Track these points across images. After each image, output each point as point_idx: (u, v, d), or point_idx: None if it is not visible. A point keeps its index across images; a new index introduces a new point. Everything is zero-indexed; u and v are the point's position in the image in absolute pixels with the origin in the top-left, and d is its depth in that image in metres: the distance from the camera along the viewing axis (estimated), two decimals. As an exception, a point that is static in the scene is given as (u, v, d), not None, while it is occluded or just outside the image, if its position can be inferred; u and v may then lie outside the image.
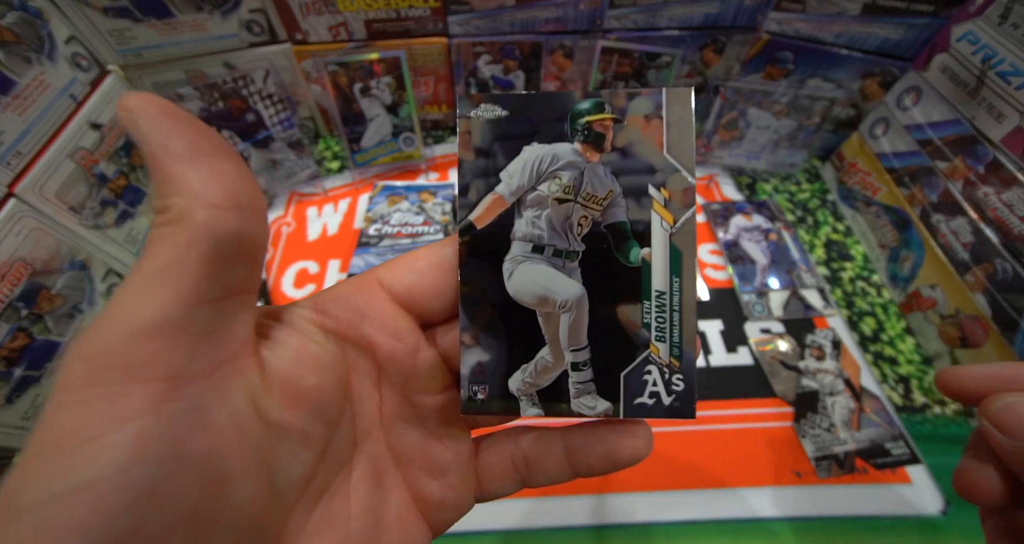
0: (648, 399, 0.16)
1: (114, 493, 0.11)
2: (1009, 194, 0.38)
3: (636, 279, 0.16)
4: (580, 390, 0.17)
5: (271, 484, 0.14)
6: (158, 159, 0.13)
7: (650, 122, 0.16)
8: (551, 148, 0.17)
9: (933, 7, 0.46)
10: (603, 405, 0.16)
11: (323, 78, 0.51)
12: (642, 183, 0.16)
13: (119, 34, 0.48)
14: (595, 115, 0.16)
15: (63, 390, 0.11)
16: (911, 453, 0.39)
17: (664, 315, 0.16)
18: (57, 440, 0.11)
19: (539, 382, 0.17)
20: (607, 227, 0.16)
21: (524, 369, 0.17)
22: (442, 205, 0.53)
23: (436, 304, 0.17)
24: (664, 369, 0.16)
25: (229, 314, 0.13)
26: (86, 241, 0.45)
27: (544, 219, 0.17)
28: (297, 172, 0.56)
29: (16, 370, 0.38)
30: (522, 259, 0.17)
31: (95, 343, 0.12)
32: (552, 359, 0.17)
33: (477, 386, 0.17)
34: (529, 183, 0.17)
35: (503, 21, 0.54)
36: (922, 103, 0.47)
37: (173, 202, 0.12)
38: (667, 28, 0.56)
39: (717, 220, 0.55)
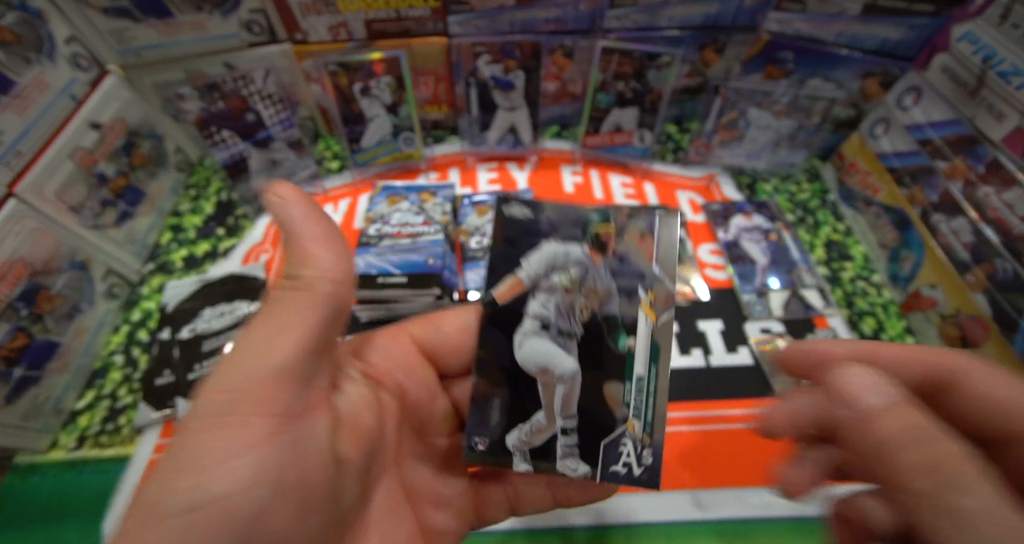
0: (621, 468, 0.19)
1: (240, 509, 0.13)
2: (1009, 194, 0.38)
3: (621, 363, 0.19)
4: (566, 453, 0.19)
5: (334, 514, 0.16)
6: (299, 238, 0.16)
7: (644, 238, 0.20)
8: (565, 247, 0.20)
9: (933, 7, 0.46)
10: (583, 469, 0.19)
11: (323, 78, 0.51)
12: (633, 285, 0.20)
13: (119, 34, 0.48)
14: (601, 226, 0.20)
15: (202, 416, 0.14)
16: (911, 453, 0.38)
17: (641, 396, 0.19)
18: (195, 458, 0.13)
19: (532, 441, 0.19)
20: (603, 317, 0.20)
21: (520, 428, 0.19)
22: (442, 205, 0.53)
23: (455, 361, 0.20)
24: (637, 443, 0.19)
25: (322, 365, 0.16)
26: (86, 241, 0.45)
27: (553, 304, 0.20)
28: (297, 172, 0.56)
29: (16, 370, 0.38)
30: (531, 333, 0.20)
31: (231, 379, 0.14)
32: (545, 422, 0.19)
33: (479, 438, 0.19)
34: (544, 273, 0.20)
35: (503, 21, 0.54)
36: (922, 103, 0.47)
37: (305, 273, 0.16)
38: (667, 28, 0.55)
39: (717, 220, 0.55)
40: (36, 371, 0.39)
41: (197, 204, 0.58)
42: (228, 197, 0.58)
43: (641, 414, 0.19)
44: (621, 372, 0.19)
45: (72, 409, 0.42)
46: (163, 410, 0.40)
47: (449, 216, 0.52)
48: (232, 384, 0.14)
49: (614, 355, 0.20)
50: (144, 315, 0.48)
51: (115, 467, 0.39)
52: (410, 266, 0.45)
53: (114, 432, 0.41)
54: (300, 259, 0.16)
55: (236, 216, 0.56)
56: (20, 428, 0.38)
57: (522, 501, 0.21)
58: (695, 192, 0.59)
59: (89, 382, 0.44)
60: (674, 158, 0.63)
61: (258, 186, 0.55)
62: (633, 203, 0.57)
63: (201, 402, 0.14)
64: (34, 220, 0.40)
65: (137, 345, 0.46)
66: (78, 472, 0.39)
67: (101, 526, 0.36)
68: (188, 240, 0.54)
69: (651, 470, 0.19)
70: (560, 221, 0.21)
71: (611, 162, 0.61)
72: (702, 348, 0.45)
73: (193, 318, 0.45)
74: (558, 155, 0.62)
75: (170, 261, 0.52)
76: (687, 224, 0.54)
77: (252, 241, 0.54)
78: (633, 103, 0.55)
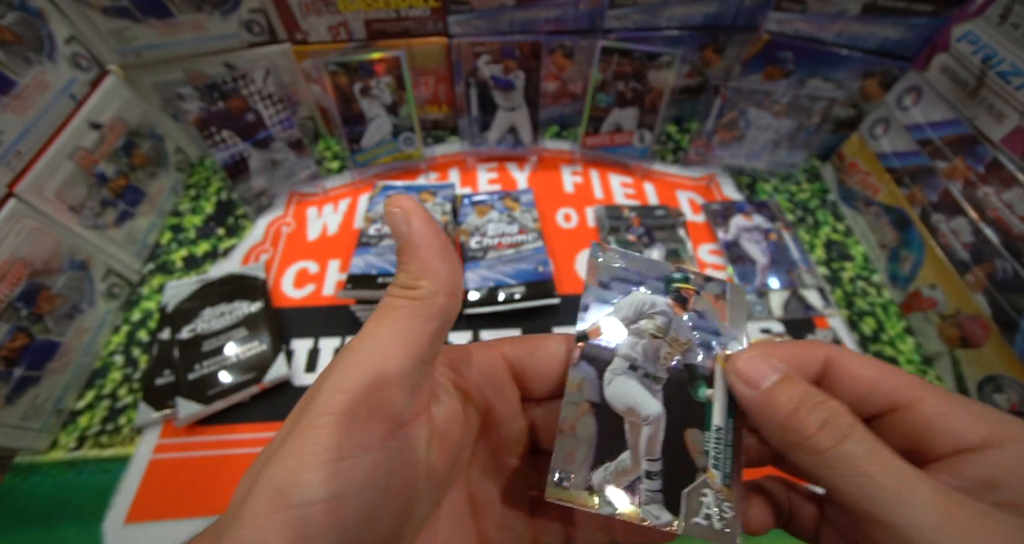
0: (703, 520, 0.19)
1: (354, 508, 0.14)
2: (1009, 194, 0.38)
3: (701, 412, 0.20)
4: (649, 498, 0.19)
5: (415, 522, 0.17)
6: (419, 249, 0.17)
7: (718, 300, 0.22)
8: (652, 297, 0.22)
9: (933, 7, 0.46)
10: (666, 517, 0.19)
11: (323, 78, 0.51)
12: (709, 340, 0.21)
13: (119, 34, 0.48)
14: (683, 284, 0.22)
15: (322, 414, 0.14)
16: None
17: (720, 447, 0.19)
18: (317, 453, 0.14)
19: (617, 483, 0.19)
20: (684, 365, 0.21)
21: (607, 467, 0.19)
22: (442, 205, 0.53)
23: (541, 385, 0.21)
24: (717, 494, 0.19)
25: (426, 374, 0.17)
26: (86, 241, 0.45)
27: (640, 347, 0.21)
28: (297, 172, 0.56)
29: (16, 370, 0.38)
30: (620, 372, 0.20)
31: (351, 380, 0.15)
32: (630, 464, 0.19)
33: (565, 473, 0.19)
34: (633, 317, 0.21)
35: (503, 21, 0.54)
36: (922, 103, 0.47)
37: (423, 284, 0.16)
38: (667, 28, 0.56)
39: (717, 220, 0.55)
40: (36, 371, 0.39)
41: (197, 204, 0.58)
42: (228, 197, 0.58)
43: (720, 465, 0.19)
44: (701, 420, 0.20)
45: (72, 409, 0.42)
46: (163, 410, 0.40)
47: (449, 216, 0.52)
48: (352, 385, 0.15)
49: (694, 403, 0.20)
50: (144, 315, 0.48)
51: (115, 467, 0.39)
52: (410, 266, 0.45)
53: (114, 432, 0.41)
54: (419, 270, 0.17)
55: (236, 216, 0.56)
56: (20, 428, 0.38)
57: (579, 534, 0.21)
58: (695, 192, 0.59)
59: (89, 382, 0.44)
60: (674, 158, 0.63)
61: (258, 186, 0.55)
62: (634, 203, 0.57)
63: (322, 399, 0.14)
64: (34, 220, 0.40)
65: (137, 345, 0.46)
66: (78, 472, 0.39)
67: (101, 526, 0.36)
68: (188, 240, 0.54)
69: (732, 524, 0.19)
70: (646, 273, 0.22)
71: (611, 162, 0.61)
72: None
73: (193, 318, 0.45)
74: (558, 155, 0.62)
75: (170, 261, 0.52)
76: (687, 224, 0.54)
77: (252, 241, 0.54)
78: (633, 103, 0.55)
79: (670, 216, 0.55)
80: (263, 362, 0.42)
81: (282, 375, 0.42)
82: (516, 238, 0.50)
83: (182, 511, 0.36)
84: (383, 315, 0.16)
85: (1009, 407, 0.38)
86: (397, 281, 0.17)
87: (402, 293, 0.17)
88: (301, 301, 0.48)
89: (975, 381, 0.40)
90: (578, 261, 0.52)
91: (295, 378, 0.43)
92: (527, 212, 0.53)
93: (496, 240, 0.50)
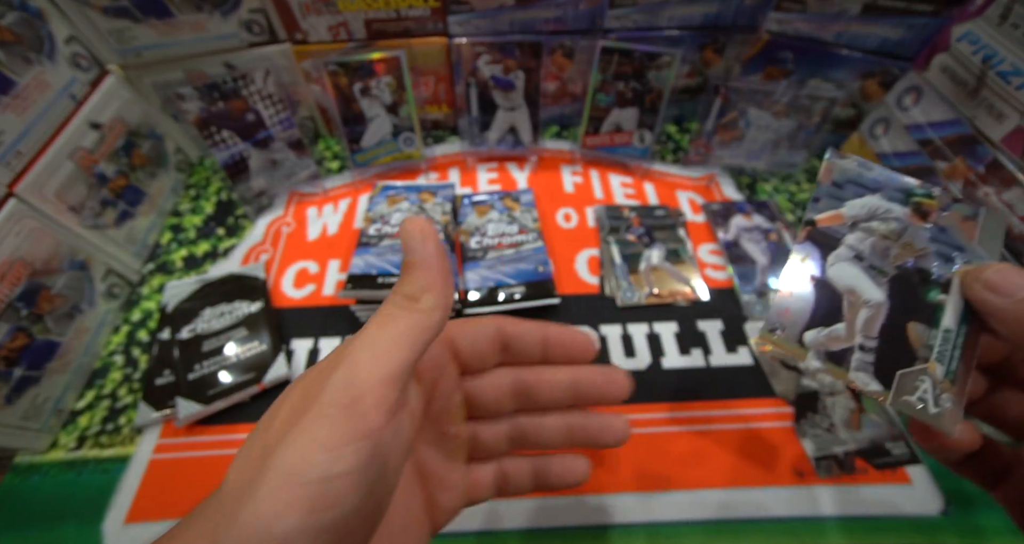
0: (916, 400, 0.21)
1: (357, 485, 0.16)
2: (1009, 194, 0.38)
3: (929, 312, 0.22)
4: (860, 366, 0.22)
5: (394, 485, 0.19)
6: (430, 268, 0.20)
7: (967, 221, 0.23)
8: (888, 204, 0.24)
9: (933, 7, 0.46)
10: (876, 386, 0.21)
11: (323, 78, 0.51)
12: (951, 253, 0.23)
13: (119, 34, 0.48)
14: (926, 199, 0.24)
15: (331, 405, 0.16)
16: (911, 453, 0.39)
17: (947, 346, 0.21)
18: (327, 438, 0.16)
19: (828, 345, 0.22)
20: (916, 269, 0.23)
21: (819, 330, 0.22)
22: (442, 205, 0.53)
23: (475, 361, 0.24)
24: (937, 385, 0.21)
25: (413, 373, 0.19)
26: (86, 241, 0.45)
27: (868, 242, 0.23)
28: (297, 172, 0.56)
29: (16, 370, 0.38)
30: (844, 258, 0.23)
31: (358, 379, 0.17)
32: (844, 333, 0.22)
33: (778, 325, 0.22)
34: (865, 217, 0.24)
35: (503, 21, 0.54)
36: (922, 103, 0.47)
37: (427, 299, 0.19)
38: (667, 28, 0.56)
39: (717, 220, 0.55)
40: (36, 371, 0.39)
41: (197, 204, 0.58)
42: (228, 197, 0.58)
43: (945, 361, 0.21)
44: (929, 319, 0.22)
45: (72, 409, 0.42)
46: (163, 410, 0.40)
47: (449, 216, 0.52)
48: (357, 383, 0.17)
49: (923, 303, 0.22)
50: (144, 315, 0.48)
51: (115, 467, 0.39)
52: (410, 266, 0.45)
53: (114, 432, 0.41)
54: (425, 286, 0.19)
55: (236, 216, 0.56)
56: (20, 428, 0.38)
57: (508, 484, 0.25)
58: (695, 192, 0.59)
59: (89, 382, 0.44)
60: (674, 158, 0.63)
61: (258, 186, 0.55)
62: (634, 203, 0.57)
63: (330, 393, 0.17)
64: (34, 220, 0.40)
65: (137, 345, 0.46)
66: (78, 472, 0.39)
67: (101, 526, 0.36)
68: (188, 240, 0.54)
69: (950, 414, 0.20)
70: (886, 184, 0.24)
71: (611, 162, 0.61)
72: (702, 348, 0.45)
73: (193, 318, 0.45)
74: (558, 155, 0.62)
75: (170, 261, 0.52)
76: (687, 224, 0.54)
77: (252, 241, 0.54)
78: (633, 103, 0.55)
79: (670, 216, 0.55)
80: (263, 362, 0.42)
81: (282, 375, 0.42)
82: (516, 238, 0.50)
83: (182, 511, 0.36)
84: (385, 321, 0.19)
85: (1009, 407, 0.38)
86: (402, 290, 0.19)
87: (406, 303, 0.19)
88: (301, 301, 0.48)
89: (975, 381, 0.40)
90: (578, 261, 0.52)
91: (295, 378, 0.43)
92: (527, 212, 0.53)
93: (496, 240, 0.50)
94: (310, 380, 0.18)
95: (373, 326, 0.18)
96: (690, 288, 0.49)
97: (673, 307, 0.48)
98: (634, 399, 0.41)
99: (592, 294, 0.49)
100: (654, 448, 0.39)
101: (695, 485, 0.37)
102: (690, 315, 0.47)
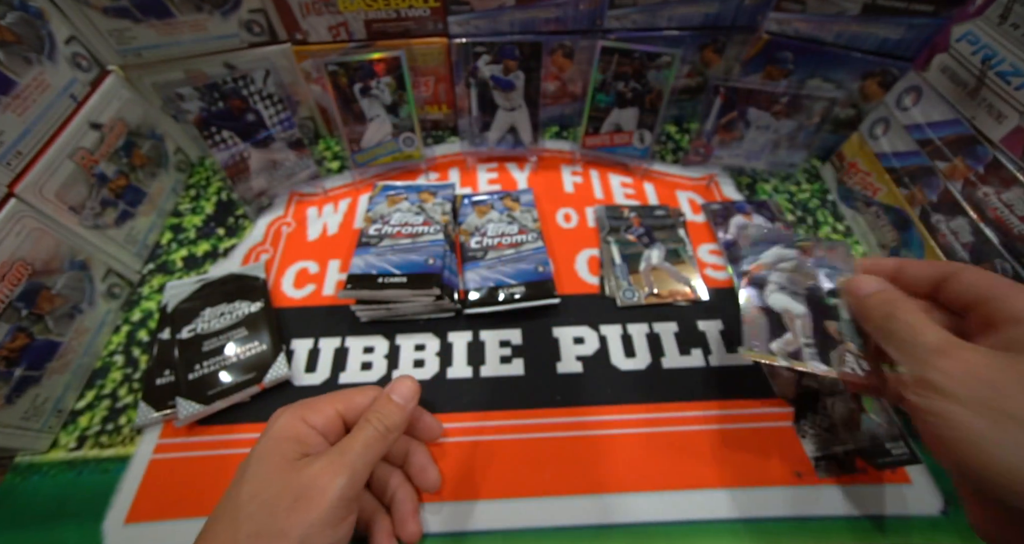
0: (849, 369, 0.31)
1: (344, 506, 0.27)
2: (1009, 194, 0.38)
3: (835, 311, 0.33)
4: (810, 357, 0.32)
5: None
6: (410, 419, 0.34)
7: (830, 251, 0.36)
8: (784, 250, 0.37)
9: (933, 7, 0.46)
10: (824, 367, 0.32)
11: (323, 78, 0.51)
12: (831, 272, 0.35)
13: (119, 34, 0.48)
14: (805, 243, 0.37)
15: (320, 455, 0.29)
16: (911, 453, 0.39)
17: (851, 331, 0.32)
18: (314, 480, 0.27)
19: (786, 348, 0.33)
20: (816, 287, 0.35)
21: (778, 340, 0.33)
22: (442, 205, 0.53)
23: (354, 419, 0.32)
24: (856, 357, 0.31)
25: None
26: (86, 241, 0.45)
27: (784, 277, 0.36)
28: (297, 172, 0.56)
29: (16, 370, 0.38)
30: (774, 291, 0.36)
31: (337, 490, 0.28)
32: (792, 339, 0.33)
33: (754, 342, 0.34)
34: (774, 262, 0.37)
35: (503, 21, 0.54)
36: (922, 103, 0.47)
37: (395, 433, 0.32)
38: (667, 28, 0.56)
39: (717, 220, 0.55)
40: (36, 371, 0.39)
41: (197, 204, 0.58)
42: (228, 197, 0.58)
43: (855, 340, 0.32)
44: (835, 316, 0.33)
45: (72, 409, 0.42)
46: (163, 410, 0.40)
47: (449, 216, 0.52)
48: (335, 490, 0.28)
49: (828, 307, 0.34)
50: (144, 315, 0.48)
51: (115, 467, 0.39)
52: (410, 266, 0.45)
53: (114, 432, 0.41)
54: (401, 424, 0.32)
55: (236, 216, 0.56)
56: (20, 428, 0.38)
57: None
58: (695, 192, 0.59)
59: (89, 382, 0.44)
60: (674, 158, 0.63)
61: (258, 186, 0.55)
62: (634, 203, 0.57)
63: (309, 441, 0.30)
64: (34, 220, 0.40)
65: (137, 345, 0.46)
66: (78, 472, 0.39)
67: (101, 526, 0.36)
68: (188, 240, 0.54)
69: (868, 372, 0.31)
70: (780, 237, 0.38)
71: (611, 162, 0.61)
72: (702, 348, 0.45)
73: (193, 318, 0.45)
74: (558, 155, 0.62)
75: (170, 261, 0.52)
76: (687, 224, 0.54)
77: (252, 241, 0.54)
78: (633, 103, 0.55)
79: (670, 216, 0.55)
80: (263, 362, 0.42)
81: (282, 375, 0.42)
82: (516, 238, 0.50)
83: (182, 511, 0.36)
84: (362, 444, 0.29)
85: (1009, 407, 0.38)
86: (385, 420, 0.31)
87: (384, 431, 0.30)
88: (301, 301, 0.48)
89: (975, 381, 0.40)
90: (578, 261, 0.52)
91: (295, 378, 0.43)
92: (527, 212, 0.53)
93: (496, 240, 0.50)
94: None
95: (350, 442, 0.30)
96: (690, 288, 0.49)
97: (673, 307, 0.48)
98: (634, 399, 0.42)
99: (592, 294, 0.49)
100: (654, 448, 0.39)
101: (695, 485, 0.37)
102: (690, 315, 0.47)
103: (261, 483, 0.27)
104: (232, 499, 0.27)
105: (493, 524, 0.36)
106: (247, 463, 0.28)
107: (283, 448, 0.28)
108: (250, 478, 0.27)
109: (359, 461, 0.28)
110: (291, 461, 0.28)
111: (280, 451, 0.28)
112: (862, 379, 0.30)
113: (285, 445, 0.28)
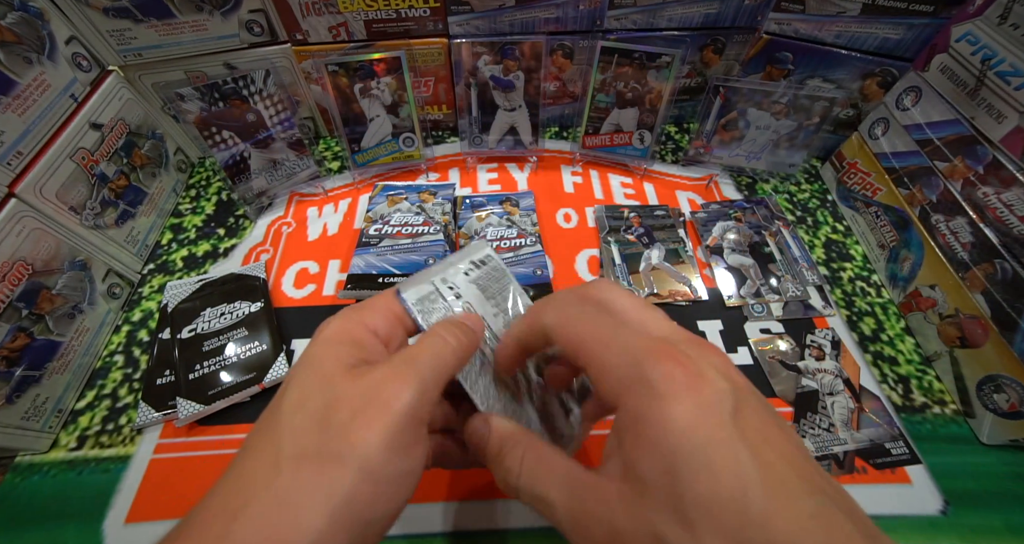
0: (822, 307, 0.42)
1: (413, 428, 0.21)
2: (1009, 194, 0.38)
3: (769, 255, 0.43)
4: (768, 293, 0.39)
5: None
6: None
7: (754, 214, 0.52)
8: (727, 222, 0.53)
9: (933, 7, 0.46)
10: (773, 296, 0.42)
11: (323, 78, 0.51)
12: (760, 229, 0.51)
13: (119, 34, 0.48)
14: (738, 212, 0.53)
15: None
16: (911, 453, 0.39)
17: (784, 259, 0.42)
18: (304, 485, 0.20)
19: (754, 290, 0.41)
20: (754, 242, 0.46)
21: (746, 286, 0.42)
22: (442, 205, 0.53)
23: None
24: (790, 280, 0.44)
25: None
26: (86, 241, 0.45)
27: (732, 240, 0.45)
28: (297, 172, 0.56)
29: (16, 370, 0.38)
30: (730, 252, 0.46)
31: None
32: (752, 284, 0.40)
33: (737, 293, 0.41)
34: (722, 232, 0.52)
35: (503, 21, 0.54)
36: (922, 103, 0.47)
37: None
38: (667, 28, 0.56)
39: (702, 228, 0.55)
40: (37, 371, 0.39)
41: (197, 204, 0.58)
42: (228, 197, 0.58)
43: (787, 264, 0.40)
44: (773, 259, 0.43)
45: (72, 409, 0.42)
46: (163, 410, 0.40)
47: (449, 216, 0.52)
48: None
49: (765, 253, 0.45)
50: (144, 315, 0.48)
51: (115, 467, 0.39)
52: (410, 266, 0.45)
53: (114, 432, 0.41)
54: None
55: (236, 216, 0.56)
56: (21, 428, 0.38)
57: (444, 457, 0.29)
58: (695, 192, 0.59)
59: (89, 382, 0.44)
60: (674, 158, 0.63)
61: (258, 186, 0.55)
62: (634, 203, 0.57)
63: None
64: (34, 220, 0.40)
65: (137, 345, 0.46)
66: (78, 472, 0.39)
67: (101, 526, 0.36)
68: (188, 240, 0.54)
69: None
70: (721, 213, 0.49)
71: (611, 162, 0.61)
72: (702, 348, 0.45)
73: (193, 318, 0.45)
74: (558, 155, 0.63)
75: (170, 261, 0.52)
76: (687, 223, 0.54)
77: (252, 241, 0.54)
78: (633, 103, 0.55)
79: (670, 216, 0.55)
80: (263, 362, 0.42)
81: (282, 375, 0.42)
82: (515, 241, 0.50)
83: (182, 511, 0.36)
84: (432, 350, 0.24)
85: (1008, 407, 0.38)
86: (456, 332, 0.25)
87: (456, 346, 0.24)
88: (301, 301, 0.49)
89: (974, 381, 0.40)
90: (578, 261, 0.52)
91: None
92: (526, 216, 0.53)
93: (495, 243, 0.50)
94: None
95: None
96: (690, 288, 0.49)
97: (673, 307, 0.48)
98: (634, 399, 0.41)
99: (592, 294, 0.49)
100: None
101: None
102: (690, 315, 0.47)
103: (310, 391, 0.21)
104: (273, 411, 0.22)
105: (491, 524, 0.36)
106: (292, 373, 0.23)
107: (338, 352, 0.23)
108: (297, 385, 0.22)
109: (429, 374, 0.22)
110: (348, 367, 0.22)
111: (334, 355, 0.23)
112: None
113: (340, 348, 0.23)
